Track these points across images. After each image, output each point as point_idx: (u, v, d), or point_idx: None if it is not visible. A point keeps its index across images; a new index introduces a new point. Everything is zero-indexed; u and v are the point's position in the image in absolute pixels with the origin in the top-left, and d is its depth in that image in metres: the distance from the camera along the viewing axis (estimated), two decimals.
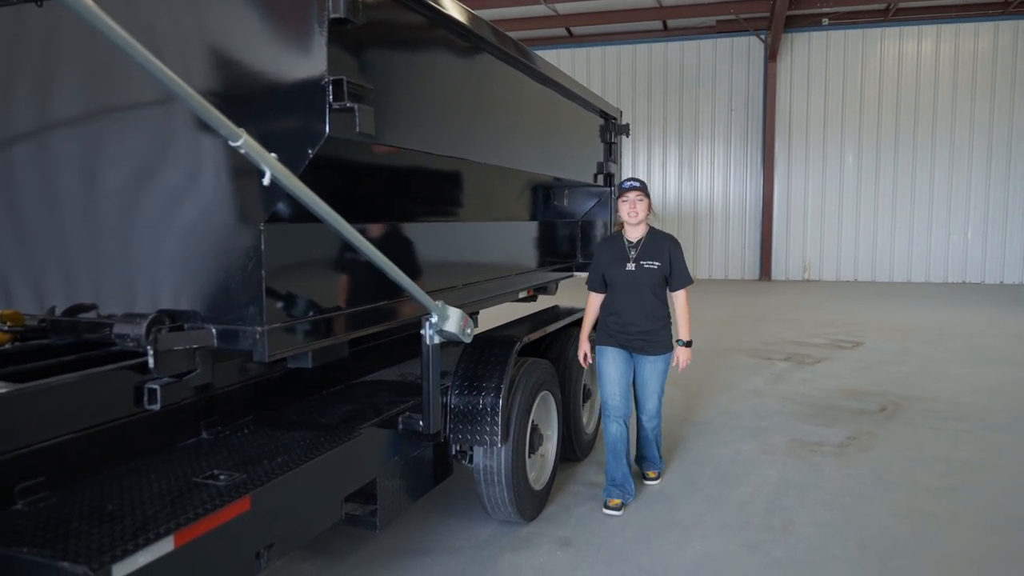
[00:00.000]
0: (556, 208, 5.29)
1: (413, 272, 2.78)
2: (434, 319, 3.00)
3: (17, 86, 2.86)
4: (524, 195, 4.62)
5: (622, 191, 4.10)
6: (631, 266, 4.09)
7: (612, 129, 5.75)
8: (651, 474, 4.59)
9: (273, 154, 2.07)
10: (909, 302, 13.70)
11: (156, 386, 2.38)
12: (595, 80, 18.81)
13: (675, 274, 4.15)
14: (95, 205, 2.74)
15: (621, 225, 4.22)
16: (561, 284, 5.90)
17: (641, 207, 4.06)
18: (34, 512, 2.02)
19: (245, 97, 2.42)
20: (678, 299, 4.22)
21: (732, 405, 6.49)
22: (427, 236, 3.44)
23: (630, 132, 6.06)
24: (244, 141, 1.92)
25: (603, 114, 5.60)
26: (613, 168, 5.73)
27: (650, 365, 4.20)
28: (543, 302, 5.44)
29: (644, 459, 4.61)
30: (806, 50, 17.57)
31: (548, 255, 5.16)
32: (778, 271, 18.12)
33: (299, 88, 2.34)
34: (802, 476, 4.71)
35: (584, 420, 4.98)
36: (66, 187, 2.80)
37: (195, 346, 2.45)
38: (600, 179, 5.60)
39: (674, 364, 4.22)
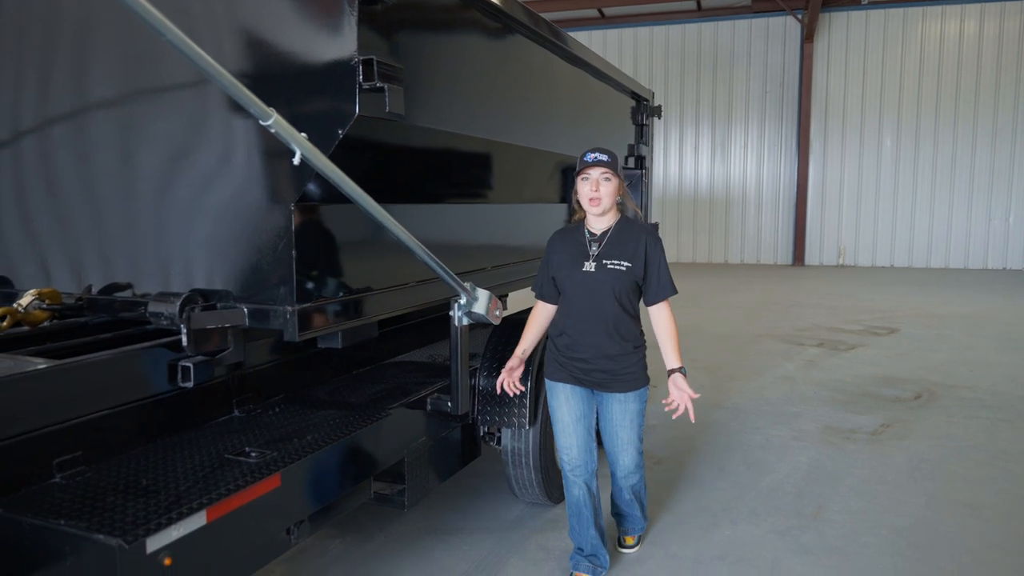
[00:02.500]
0: None
1: (442, 253, 2.78)
2: (463, 301, 3.00)
3: (53, 67, 2.90)
4: (554, 177, 4.59)
5: (582, 166, 2.94)
6: (589, 266, 2.96)
7: (644, 111, 5.69)
8: (629, 539, 3.50)
9: (303, 134, 2.08)
10: (947, 288, 13.42)
11: (189, 364, 2.42)
12: (627, 62, 18.62)
13: (652, 280, 2.98)
14: (130, 185, 2.78)
15: (580, 212, 3.09)
16: None
17: (607, 189, 2.92)
18: (71, 485, 2.06)
19: (276, 77, 2.43)
20: (657, 316, 3.02)
21: (763, 391, 6.43)
22: (456, 217, 3.43)
23: (662, 114, 5.99)
24: (274, 120, 1.93)
25: (635, 95, 5.54)
26: (644, 150, 5.68)
27: (618, 407, 3.07)
28: None
29: (621, 515, 3.47)
30: (844, 30, 17.18)
31: None
32: (812, 256, 17.85)
33: (329, 68, 2.34)
34: (834, 463, 4.65)
35: None
36: (102, 168, 2.84)
37: (227, 325, 2.48)
38: (631, 161, 5.55)
39: (671, 406, 2.97)
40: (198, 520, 1.95)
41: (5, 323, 2.68)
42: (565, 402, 3.10)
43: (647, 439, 5.06)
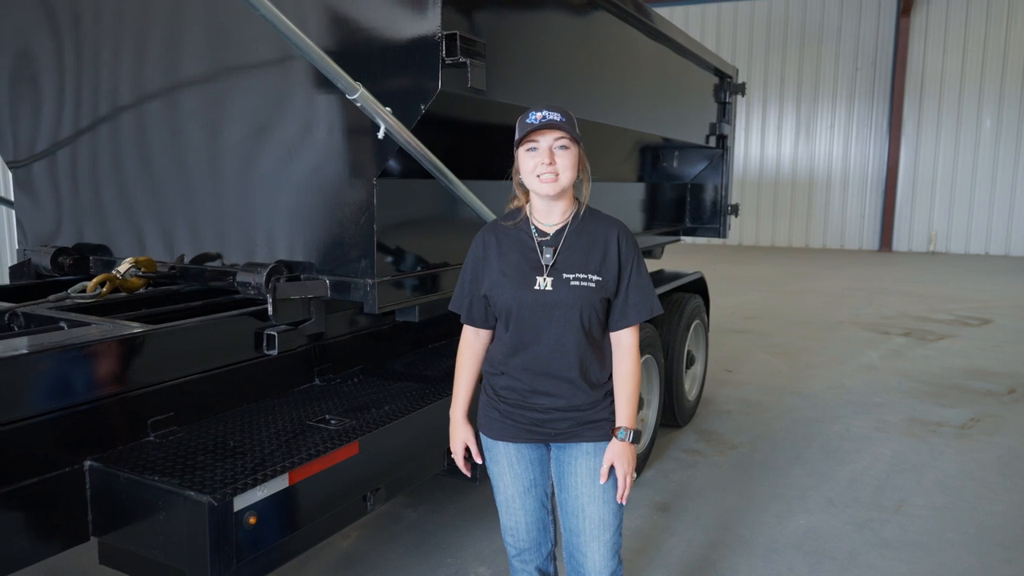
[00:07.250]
0: (664, 170, 5.16)
1: None
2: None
3: (147, 46, 3.01)
4: (632, 155, 4.52)
5: (526, 130, 1.95)
6: (544, 283, 2.01)
7: (727, 88, 5.54)
8: None
9: (387, 108, 2.10)
10: None
11: (274, 332, 2.50)
12: (708, 40, 18.14)
13: (622, 296, 2.07)
14: (219, 159, 2.88)
15: (524, 197, 2.11)
16: (666, 248, 5.78)
17: (565, 161, 1.98)
18: (164, 444, 2.17)
19: (359, 53, 2.46)
20: (620, 347, 2.09)
21: (844, 379, 6.22)
22: None
23: (745, 92, 5.82)
24: (360, 94, 1.96)
25: (718, 72, 5.39)
26: (727, 129, 5.53)
27: (585, 464, 2.10)
28: (647, 266, 5.35)
29: None
30: (944, 3, 16.27)
31: (654, 218, 5.05)
32: (900, 242, 17.11)
33: (412, 44, 2.36)
34: (918, 456, 4.47)
35: (686, 386, 4.89)
36: (192, 143, 2.94)
37: (310, 296, 2.55)
38: (712, 140, 5.41)
39: (606, 478, 2.07)
40: (281, 482, 2.02)
41: (105, 288, 2.82)
42: (509, 468, 2.17)
43: (720, 422, 4.99)
